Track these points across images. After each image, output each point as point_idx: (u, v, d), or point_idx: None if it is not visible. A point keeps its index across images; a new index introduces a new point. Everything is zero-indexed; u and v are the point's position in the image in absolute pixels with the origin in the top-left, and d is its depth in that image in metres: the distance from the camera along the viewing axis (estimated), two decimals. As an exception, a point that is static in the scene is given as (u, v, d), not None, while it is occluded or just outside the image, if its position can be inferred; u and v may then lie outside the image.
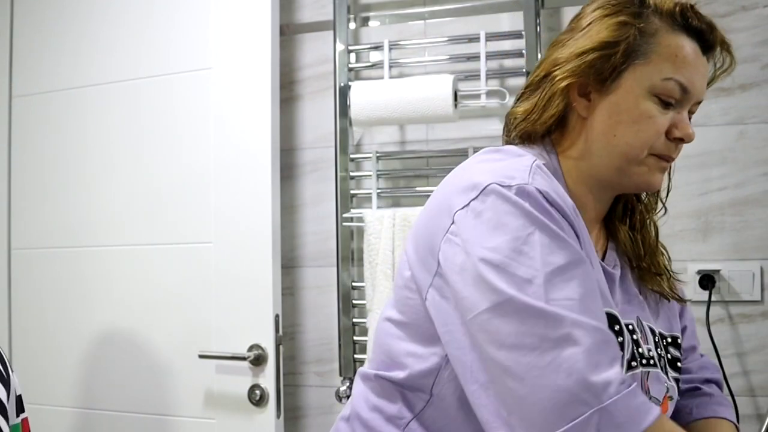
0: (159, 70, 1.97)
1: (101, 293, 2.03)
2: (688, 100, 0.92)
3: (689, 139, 0.92)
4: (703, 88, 0.94)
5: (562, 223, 0.81)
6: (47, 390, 2.09)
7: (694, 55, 0.91)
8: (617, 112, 0.91)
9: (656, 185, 0.96)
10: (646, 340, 0.93)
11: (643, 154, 0.92)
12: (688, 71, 0.90)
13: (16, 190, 2.16)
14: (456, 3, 1.95)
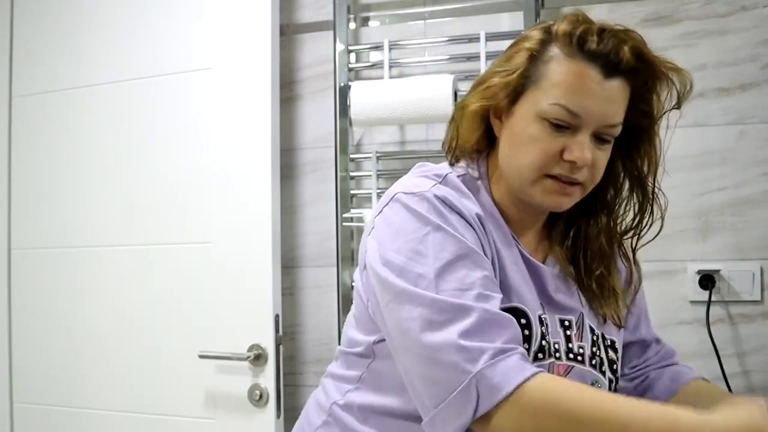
0: (159, 70, 1.97)
1: (101, 293, 2.03)
2: (584, 124, 0.93)
3: (581, 162, 0.93)
4: (604, 112, 0.93)
5: (456, 221, 0.91)
6: (47, 390, 2.09)
7: (589, 80, 0.92)
8: (512, 135, 0.98)
9: (554, 206, 0.98)
10: (581, 337, 1.00)
11: (535, 176, 0.96)
12: (578, 96, 0.92)
13: (16, 190, 2.16)
14: (456, 3, 1.95)
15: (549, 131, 0.94)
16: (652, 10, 1.81)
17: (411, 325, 0.85)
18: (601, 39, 0.93)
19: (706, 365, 1.73)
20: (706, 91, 1.77)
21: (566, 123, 0.93)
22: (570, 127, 0.94)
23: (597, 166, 0.97)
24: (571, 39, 0.94)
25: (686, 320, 1.76)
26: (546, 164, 0.95)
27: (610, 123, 0.95)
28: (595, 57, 0.92)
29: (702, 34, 1.77)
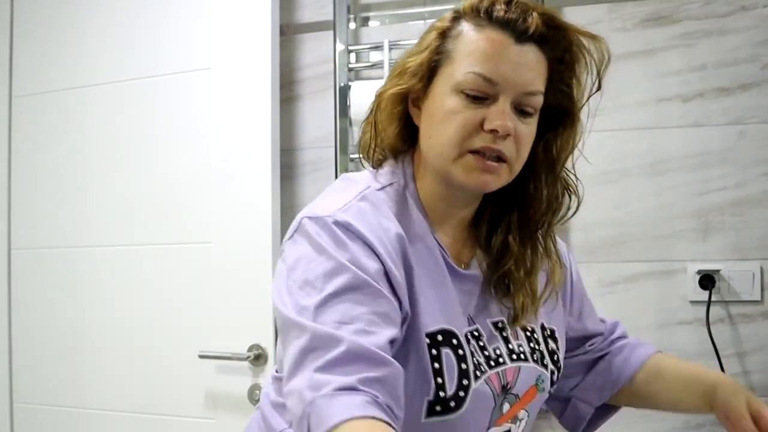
0: (159, 70, 1.97)
1: (101, 293, 2.03)
2: (501, 91, 0.90)
3: (503, 129, 0.89)
4: (520, 77, 0.90)
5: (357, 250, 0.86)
6: (47, 390, 2.09)
7: (500, 45, 0.90)
8: (430, 116, 0.94)
9: (478, 185, 0.93)
10: (516, 336, 0.99)
11: (456, 152, 0.91)
12: (492, 62, 0.89)
13: (16, 190, 2.16)
14: (456, 3, 1.94)
15: (467, 103, 0.90)
16: (652, 10, 1.81)
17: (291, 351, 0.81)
18: (509, 7, 0.91)
19: (706, 365, 1.73)
20: (706, 91, 1.77)
21: (483, 92, 0.90)
22: (488, 96, 0.90)
23: (521, 139, 0.92)
24: (479, 11, 0.92)
25: (686, 320, 1.76)
26: (466, 137, 0.90)
27: (528, 90, 0.91)
28: (504, 24, 0.90)
29: (702, 34, 1.77)
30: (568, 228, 1.84)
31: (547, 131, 0.98)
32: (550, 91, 0.96)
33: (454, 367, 0.89)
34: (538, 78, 0.92)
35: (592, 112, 1.74)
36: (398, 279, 0.88)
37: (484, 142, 0.90)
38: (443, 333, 0.90)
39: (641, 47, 1.81)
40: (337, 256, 0.85)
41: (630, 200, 1.81)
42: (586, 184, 1.85)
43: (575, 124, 0.99)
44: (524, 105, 0.92)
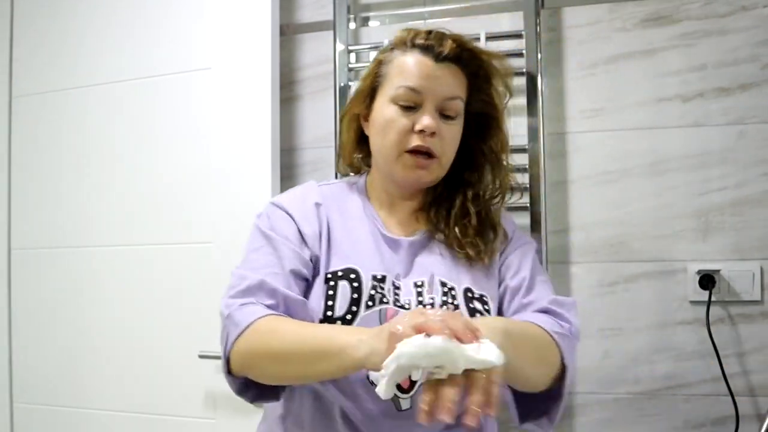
0: (159, 70, 1.97)
1: (101, 293, 2.03)
2: (425, 99, 1.16)
3: (428, 128, 1.15)
4: (440, 87, 1.16)
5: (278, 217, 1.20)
6: (47, 390, 2.09)
7: (422, 64, 1.17)
8: (375, 126, 1.21)
9: (414, 180, 1.20)
10: (432, 291, 1.16)
11: (396, 152, 1.18)
12: (415, 76, 1.16)
13: (16, 190, 2.16)
14: (456, 3, 1.95)
15: (400, 112, 1.17)
16: (652, 10, 1.81)
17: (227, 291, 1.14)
18: (428, 36, 1.18)
19: (706, 365, 1.73)
20: (706, 91, 1.77)
21: (412, 102, 1.17)
22: (416, 105, 1.17)
23: (445, 137, 1.18)
24: (405, 42, 1.20)
25: (686, 320, 1.76)
26: (402, 139, 1.17)
27: (447, 96, 1.17)
28: (424, 49, 1.17)
29: (702, 34, 1.77)
30: (569, 228, 1.84)
31: (485, 134, 1.25)
32: (475, 101, 1.23)
33: (347, 296, 1.12)
34: (456, 88, 1.18)
35: (594, 113, 1.76)
36: (309, 232, 1.18)
37: (416, 141, 1.16)
38: (345, 270, 1.15)
39: (641, 47, 1.81)
40: (262, 225, 1.20)
41: (630, 200, 1.81)
42: (586, 184, 1.87)
43: (501, 126, 1.25)
44: (446, 109, 1.18)
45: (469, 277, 1.19)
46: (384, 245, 1.20)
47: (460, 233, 1.21)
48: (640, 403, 1.79)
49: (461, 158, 1.25)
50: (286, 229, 1.18)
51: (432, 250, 1.22)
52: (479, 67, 1.20)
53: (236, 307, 1.08)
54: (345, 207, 1.24)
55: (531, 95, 1.82)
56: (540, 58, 1.82)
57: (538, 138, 1.81)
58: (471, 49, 1.18)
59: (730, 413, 1.69)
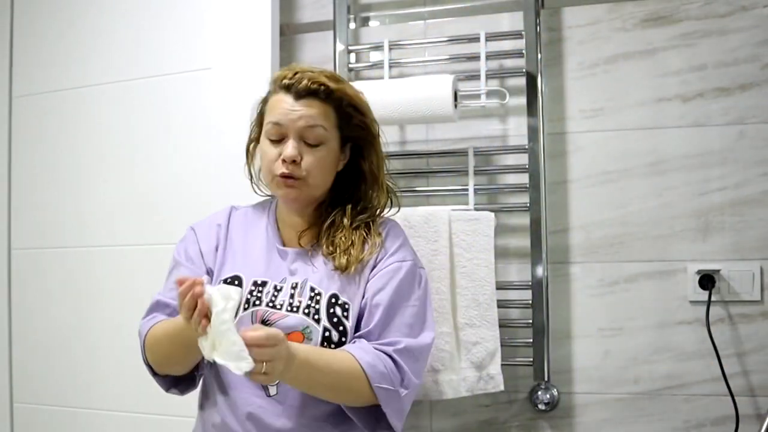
0: (159, 71, 1.97)
1: (101, 293, 2.03)
2: (287, 131, 1.35)
3: (287, 157, 1.33)
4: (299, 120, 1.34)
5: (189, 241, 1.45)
6: (47, 390, 2.09)
7: (283, 102, 1.35)
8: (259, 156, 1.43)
9: (286, 197, 1.39)
10: (301, 294, 1.33)
11: (269, 177, 1.38)
12: (279, 112, 1.35)
13: (16, 190, 2.16)
14: (456, 3, 1.95)
15: (270, 144, 1.37)
16: (652, 10, 1.81)
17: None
18: (293, 77, 1.35)
19: (706, 365, 1.73)
20: (706, 91, 1.77)
21: (277, 135, 1.36)
22: (281, 138, 1.36)
23: (310, 162, 1.35)
24: (276, 82, 1.39)
25: (686, 320, 1.76)
26: (272, 167, 1.36)
27: (306, 125, 1.34)
28: (287, 88, 1.36)
29: (702, 34, 1.77)
30: (569, 228, 1.84)
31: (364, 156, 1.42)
32: (347, 127, 1.40)
33: None
34: (315, 117, 1.35)
35: (594, 113, 1.76)
36: (206, 250, 1.42)
37: (280, 169, 1.35)
38: (231, 277, 1.36)
39: (641, 47, 1.81)
40: (176, 251, 1.46)
41: (630, 200, 1.81)
42: (586, 184, 1.87)
43: (376, 146, 1.43)
44: (307, 137, 1.35)
45: (338, 284, 1.34)
46: (275, 255, 1.40)
47: (331, 245, 1.37)
48: (640, 403, 1.79)
49: (349, 178, 1.43)
50: (191, 251, 1.43)
51: (312, 260, 1.38)
52: (340, 99, 1.37)
53: (141, 324, 1.39)
54: (251, 226, 1.45)
55: (531, 95, 1.82)
56: (540, 58, 1.82)
57: (538, 138, 1.81)
58: (326, 84, 1.35)
59: (730, 413, 1.69)
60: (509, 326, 1.83)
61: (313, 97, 1.35)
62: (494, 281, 1.76)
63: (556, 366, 1.83)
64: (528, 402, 1.85)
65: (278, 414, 1.29)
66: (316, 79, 1.35)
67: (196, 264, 1.41)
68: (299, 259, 1.39)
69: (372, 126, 1.43)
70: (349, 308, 1.33)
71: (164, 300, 1.40)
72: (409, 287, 1.36)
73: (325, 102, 1.36)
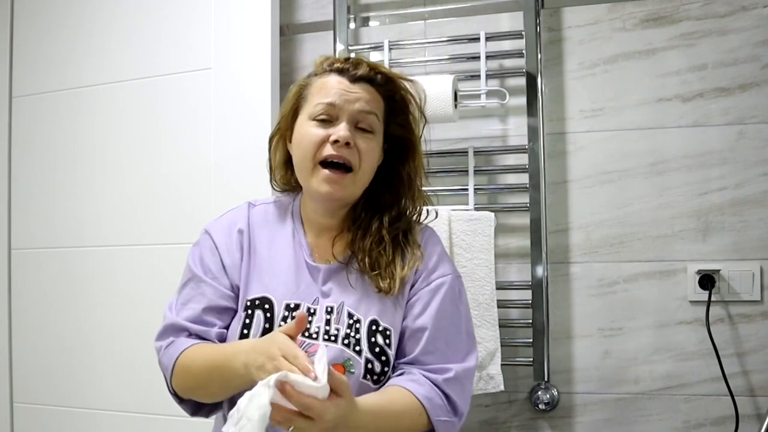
0: (159, 71, 1.97)
1: (101, 293, 2.03)
2: (340, 113, 1.21)
3: (342, 138, 1.19)
4: (354, 102, 1.21)
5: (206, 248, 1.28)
6: (47, 390, 2.09)
7: (337, 83, 1.23)
8: (295, 143, 1.26)
9: (329, 194, 1.22)
10: (338, 321, 1.21)
11: (311, 164, 1.22)
12: (331, 94, 1.22)
13: (16, 190, 2.16)
14: (456, 3, 1.95)
15: (317, 125, 1.22)
16: (652, 10, 1.81)
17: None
18: (346, 62, 1.25)
19: (706, 365, 1.73)
20: (706, 91, 1.77)
21: (327, 115, 1.21)
22: (332, 119, 1.21)
23: (362, 150, 1.21)
24: (323, 66, 1.27)
25: (686, 320, 1.76)
26: (317, 150, 1.21)
27: (361, 109, 1.22)
28: (341, 71, 1.24)
29: (702, 34, 1.77)
30: (569, 228, 1.84)
31: (403, 159, 1.29)
32: (393, 123, 1.27)
33: (260, 325, 1.19)
34: (370, 103, 1.23)
35: (594, 113, 1.77)
36: (229, 263, 1.26)
37: (329, 151, 1.20)
38: (261, 299, 1.22)
39: (641, 47, 1.81)
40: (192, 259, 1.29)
41: (630, 200, 1.81)
42: (586, 184, 1.87)
43: (417, 150, 1.30)
44: (361, 122, 1.22)
45: (377, 308, 1.22)
46: (305, 272, 1.25)
47: (372, 264, 1.23)
48: (640, 403, 1.79)
49: (383, 181, 1.29)
50: (211, 262, 1.27)
51: (347, 278, 1.24)
52: (394, 90, 1.26)
53: (162, 352, 1.24)
54: (275, 231, 1.29)
55: (531, 95, 1.82)
56: (540, 58, 1.82)
57: (538, 138, 1.81)
58: (385, 73, 1.26)
59: (730, 413, 1.69)
60: (509, 326, 1.83)
61: (369, 83, 1.24)
62: (494, 281, 1.76)
63: (556, 366, 1.83)
64: (528, 402, 1.85)
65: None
66: (373, 65, 1.26)
67: (219, 280, 1.25)
68: (333, 278, 1.25)
69: (416, 126, 1.30)
70: (391, 334, 1.21)
71: (180, 323, 1.24)
72: (452, 306, 1.25)
73: (380, 91, 1.25)
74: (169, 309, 1.28)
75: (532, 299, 1.81)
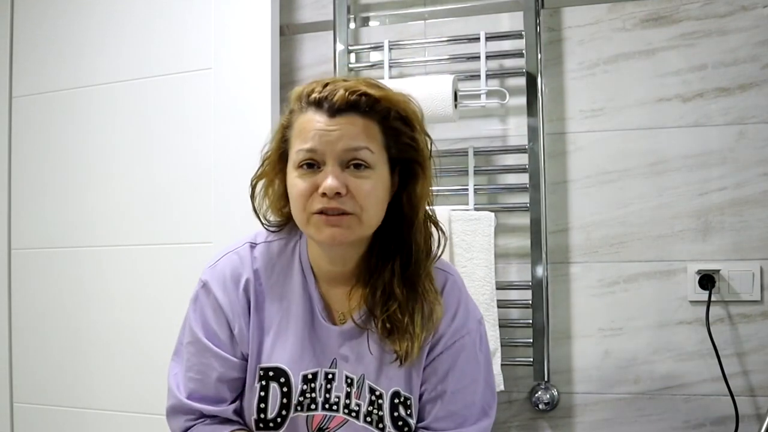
0: (159, 71, 1.97)
1: (101, 293, 2.03)
2: (325, 157, 1.06)
3: (327, 191, 1.04)
4: (337, 142, 1.05)
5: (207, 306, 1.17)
6: (47, 390, 2.09)
7: (319, 121, 1.06)
8: (288, 191, 1.12)
9: (329, 239, 1.07)
10: (359, 395, 1.12)
11: (305, 216, 1.08)
12: (309, 137, 1.06)
13: (16, 190, 2.16)
14: (456, 3, 1.95)
15: (303, 174, 1.07)
16: (652, 10, 1.81)
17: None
18: (323, 89, 1.07)
19: (706, 365, 1.73)
20: (706, 91, 1.77)
21: (311, 161, 1.06)
22: (318, 164, 1.06)
23: (359, 192, 1.06)
24: (301, 98, 1.10)
25: (686, 320, 1.76)
26: (307, 203, 1.07)
27: (346, 148, 1.05)
28: (317, 104, 1.07)
29: (702, 34, 1.77)
30: (569, 228, 1.84)
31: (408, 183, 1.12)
32: (394, 145, 1.09)
33: (277, 399, 1.12)
34: (359, 137, 1.06)
35: (594, 113, 1.76)
36: (239, 329, 1.14)
37: (321, 203, 1.05)
38: (275, 370, 1.12)
39: (641, 47, 1.81)
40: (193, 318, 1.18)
41: (630, 200, 1.81)
42: (586, 184, 1.87)
43: (426, 171, 1.12)
44: (352, 160, 1.06)
45: (398, 377, 1.13)
46: (320, 333, 1.14)
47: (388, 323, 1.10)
48: (640, 403, 1.79)
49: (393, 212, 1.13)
50: (216, 326, 1.16)
51: (363, 341, 1.13)
52: (387, 109, 1.08)
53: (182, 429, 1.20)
54: (283, 280, 1.17)
55: (531, 95, 1.82)
56: (540, 58, 1.82)
57: (538, 138, 1.81)
58: (371, 95, 1.07)
59: (730, 413, 1.69)
60: (509, 326, 1.83)
61: (353, 112, 1.06)
62: (494, 281, 1.76)
63: (556, 366, 1.83)
64: (528, 402, 1.85)
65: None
66: (353, 88, 1.07)
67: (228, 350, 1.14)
68: (349, 341, 1.14)
69: (424, 143, 1.12)
70: (411, 403, 1.13)
71: (191, 405, 1.17)
72: (473, 363, 1.15)
73: (368, 116, 1.07)
74: (174, 380, 1.21)
75: (532, 299, 1.81)
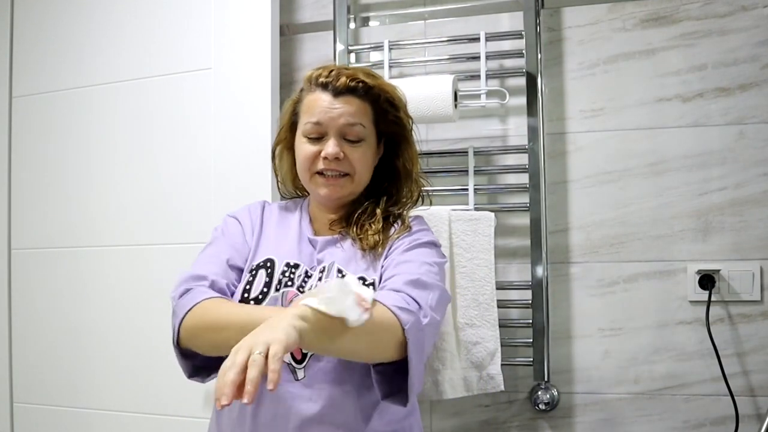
0: (159, 71, 1.97)
1: (101, 293, 2.03)
2: (327, 129, 1.36)
3: (329, 155, 1.35)
4: (338, 118, 1.36)
5: (229, 223, 1.46)
6: (46, 390, 2.09)
7: (323, 100, 1.37)
8: (296, 155, 1.43)
9: (327, 195, 1.39)
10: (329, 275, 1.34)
11: (308, 175, 1.40)
12: (317, 112, 1.37)
13: (16, 190, 2.16)
14: (456, 3, 1.95)
15: (309, 142, 1.38)
16: (652, 10, 1.81)
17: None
18: (329, 74, 1.37)
19: (706, 365, 1.73)
20: (706, 91, 1.77)
21: (316, 133, 1.37)
22: (321, 136, 1.37)
23: (352, 158, 1.37)
24: (310, 81, 1.40)
25: (686, 320, 1.76)
26: (311, 164, 1.39)
27: (345, 123, 1.36)
28: (323, 86, 1.37)
29: (702, 34, 1.77)
30: (569, 228, 1.84)
31: (397, 152, 1.45)
32: (383, 123, 1.41)
33: (262, 281, 1.33)
34: (355, 115, 1.37)
35: (594, 113, 1.77)
36: (248, 230, 1.43)
37: (321, 165, 1.38)
38: (264, 260, 1.37)
39: (641, 47, 1.81)
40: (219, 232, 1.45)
41: (630, 200, 1.81)
42: (586, 184, 1.87)
43: (410, 142, 1.46)
44: (348, 134, 1.37)
45: (364, 266, 1.35)
46: (306, 243, 1.41)
47: (362, 229, 1.39)
48: (640, 403, 1.79)
49: (383, 175, 1.46)
50: (233, 229, 1.44)
51: (340, 246, 1.39)
52: (377, 95, 1.39)
53: (183, 291, 1.31)
54: (283, 218, 1.47)
55: (531, 95, 1.83)
56: (540, 58, 1.82)
57: (538, 138, 1.81)
58: (366, 83, 1.37)
59: (730, 413, 1.69)
60: (509, 326, 1.83)
61: (352, 94, 1.37)
62: (494, 281, 1.76)
63: (556, 366, 1.83)
64: (528, 402, 1.85)
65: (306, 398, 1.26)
66: (354, 75, 1.37)
67: (240, 242, 1.41)
68: (328, 246, 1.40)
69: (406, 121, 1.45)
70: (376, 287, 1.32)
71: (201, 273, 1.34)
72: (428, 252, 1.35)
73: (363, 99, 1.38)
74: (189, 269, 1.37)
75: (532, 299, 1.81)
